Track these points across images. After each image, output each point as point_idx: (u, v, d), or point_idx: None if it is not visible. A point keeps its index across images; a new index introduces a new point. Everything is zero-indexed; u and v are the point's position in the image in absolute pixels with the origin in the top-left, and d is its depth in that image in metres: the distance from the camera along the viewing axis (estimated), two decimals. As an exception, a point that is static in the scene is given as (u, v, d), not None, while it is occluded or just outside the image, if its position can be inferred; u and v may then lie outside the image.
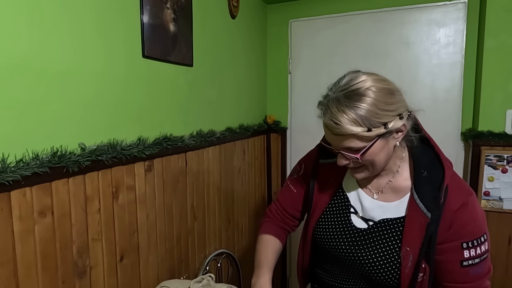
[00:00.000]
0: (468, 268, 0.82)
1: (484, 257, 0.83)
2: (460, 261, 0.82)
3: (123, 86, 1.14)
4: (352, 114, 0.75)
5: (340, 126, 0.76)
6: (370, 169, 0.85)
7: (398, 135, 0.82)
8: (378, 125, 0.76)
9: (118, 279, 1.13)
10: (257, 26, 2.20)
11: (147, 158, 1.22)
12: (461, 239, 0.82)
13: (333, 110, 0.77)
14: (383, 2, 2.04)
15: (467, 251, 0.81)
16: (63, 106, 0.94)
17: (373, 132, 0.76)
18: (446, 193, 0.82)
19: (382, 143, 0.80)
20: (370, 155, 0.81)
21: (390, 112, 0.77)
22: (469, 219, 0.82)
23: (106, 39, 1.06)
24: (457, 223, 0.81)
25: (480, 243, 0.82)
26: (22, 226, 0.83)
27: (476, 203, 0.84)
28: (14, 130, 0.82)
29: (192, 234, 1.53)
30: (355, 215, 0.94)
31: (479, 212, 0.84)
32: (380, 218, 0.90)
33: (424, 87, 2.00)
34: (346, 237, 0.93)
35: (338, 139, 0.80)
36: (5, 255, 0.79)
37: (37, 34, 0.86)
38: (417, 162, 0.88)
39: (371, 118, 0.75)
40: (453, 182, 0.84)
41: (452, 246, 0.82)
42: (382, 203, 0.91)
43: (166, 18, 1.30)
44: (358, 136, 0.77)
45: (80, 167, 0.95)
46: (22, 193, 0.82)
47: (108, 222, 1.08)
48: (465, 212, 0.81)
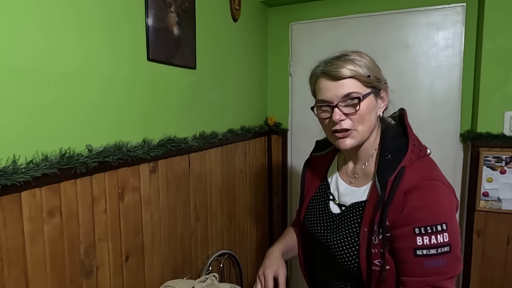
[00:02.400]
0: (422, 259, 0.77)
1: (443, 251, 0.77)
2: (413, 249, 0.78)
3: (128, 89, 1.16)
4: (355, 61, 0.85)
5: (342, 69, 0.84)
6: (359, 131, 0.86)
7: (382, 104, 0.90)
8: (373, 76, 0.85)
9: (124, 279, 1.15)
10: (258, 28, 2.22)
11: (152, 159, 1.23)
12: (414, 224, 0.78)
13: (333, 61, 0.87)
14: (383, 5, 2.07)
15: (420, 237, 0.77)
16: (71, 108, 0.96)
17: (371, 79, 0.85)
18: (402, 174, 0.80)
19: (373, 102, 0.87)
20: (365, 109, 0.85)
21: (380, 73, 0.89)
22: (423, 204, 0.79)
23: (113, 43, 1.08)
24: (408, 206, 0.79)
25: (436, 232, 0.76)
26: (32, 226, 0.85)
27: (436, 188, 0.80)
28: (24, 132, 0.84)
29: (195, 235, 1.55)
30: (333, 201, 0.99)
31: (439, 198, 0.80)
32: (350, 202, 0.93)
33: (423, 89, 2.03)
34: (323, 223, 0.98)
35: (339, 85, 0.85)
36: (15, 254, 0.81)
37: (47, 38, 0.88)
38: (384, 146, 0.89)
39: (369, 67, 0.86)
40: (414, 165, 0.83)
41: (405, 231, 0.79)
42: (354, 188, 0.94)
43: (170, 22, 1.32)
44: (359, 80, 0.84)
45: (88, 168, 0.97)
46: (32, 194, 0.84)
47: (114, 223, 1.10)
48: (418, 194, 0.79)
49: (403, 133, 0.90)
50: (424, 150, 0.89)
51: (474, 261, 1.87)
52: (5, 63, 0.79)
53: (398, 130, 0.92)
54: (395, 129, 0.92)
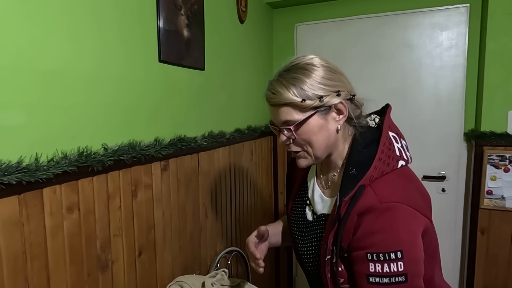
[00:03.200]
0: (374, 286, 0.71)
1: (397, 280, 0.70)
2: (366, 275, 0.72)
3: (141, 89, 1.20)
4: (289, 84, 0.79)
5: (276, 96, 0.80)
6: (310, 152, 0.83)
7: (339, 117, 0.81)
8: (313, 97, 0.78)
9: (137, 274, 1.18)
10: (264, 30, 2.25)
11: (163, 158, 1.27)
12: (366, 249, 0.73)
13: (273, 82, 0.83)
14: (387, 6, 2.10)
15: (372, 264, 0.72)
16: (88, 108, 1.00)
17: (307, 103, 0.78)
18: (359, 195, 0.74)
19: (319, 121, 0.80)
20: (307, 133, 0.80)
21: (327, 87, 0.79)
22: (377, 228, 0.72)
23: (127, 45, 1.12)
24: (362, 229, 0.74)
25: (389, 260, 0.70)
26: (52, 222, 0.88)
27: (394, 211, 0.73)
28: (46, 132, 0.88)
29: (204, 232, 1.59)
30: (308, 207, 0.95)
31: (396, 222, 0.72)
32: (320, 212, 0.90)
33: (427, 89, 2.05)
34: (298, 229, 0.96)
35: (277, 112, 0.82)
36: (38, 248, 0.85)
37: (71, 43, 0.93)
38: (349, 159, 0.82)
39: (306, 89, 0.78)
40: (375, 184, 0.76)
41: (359, 255, 0.74)
42: (325, 198, 0.90)
43: (181, 24, 1.36)
44: (293, 105, 0.79)
45: (104, 166, 1.01)
46: (52, 190, 0.88)
47: (128, 219, 1.14)
48: (372, 218, 0.73)
49: (378, 139, 0.81)
50: (392, 164, 0.79)
51: (478, 259, 1.89)
52: (37, 68, 0.83)
53: (374, 135, 0.83)
54: (371, 134, 0.83)
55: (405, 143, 0.87)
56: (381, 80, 2.12)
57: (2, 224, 0.77)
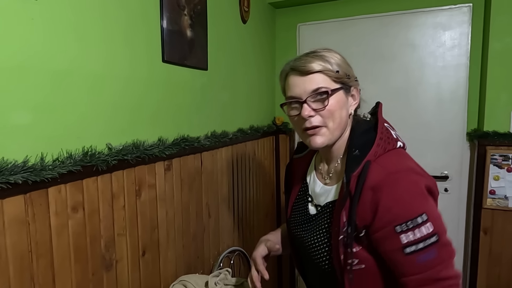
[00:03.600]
0: (413, 256, 0.73)
1: (431, 242, 0.73)
2: (401, 248, 0.74)
3: (145, 89, 1.20)
4: (320, 58, 0.84)
5: (311, 64, 0.83)
6: (330, 128, 0.84)
7: (353, 102, 0.89)
8: (342, 73, 0.84)
9: (141, 273, 1.19)
10: (266, 30, 2.26)
11: (167, 157, 1.28)
12: (393, 223, 0.74)
13: (302, 57, 0.85)
14: (390, 6, 2.09)
15: (404, 235, 0.73)
16: (92, 108, 1.00)
17: (340, 74, 0.83)
18: (367, 170, 0.77)
19: (343, 98, 0.85)
20: (334, 105, 0.83)
21: (350, 70, 0.87)
22: (395, 198, 0.75)
23: (131, 46, 1.13)
24: (382, 206, 0.75)
25: (418, 225, 0.73)
26: (57, 221, 0.89)
27: (404, 179, 0.76)
28: (51, 131, 0.89)
29: (207, 232, 1.59)
30: (310, 203, 0.97)
31: (409, 189, 0.76)
32: (324, 202, 0.91)
33: (430, 88, 2.05)
34: (302, 225, 0.97)
35: (307, 80, 0.83)
36: (43, 247, 0.86)
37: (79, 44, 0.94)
38: (351, 142, 0.86)
39: (338, 63, 0.84)
40: (380, 160, 0.79)
41: (387, 233, 0.75)
42: (328, 187, 0.92)
43: (184, 24, 1.37)
44: (327, 75, 0.83)
45: (108, 166, 1.01)
46: (58, 190, 0.89)
47: (131, 218, 1.14)
48: (388, 190, 0.75)
49: (375, 127, 0.86)
50: (392, 143, 0.84)
51: (481, 259, 1.89)
52: (43, 68, 0.84)
53: (370, 125, 0.87)
54: (367, 124, 0.89)
55: (398, 134, 0.91)
56: (384, 80, 2.12)
57: (8, 223, 0.78)
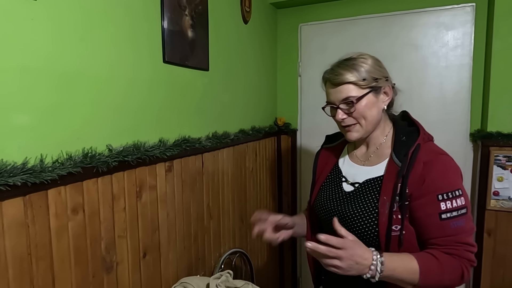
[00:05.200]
0: (448, 221, 0.89)
1: (462, 212, 0.90)
2: (439, 214, 0.90)
3: (145, 90, 1.20)
4: (350, 68, 0.98)
5: (340, 76, 0.98)
6: (363, 125, 1.00)
7: (385, 98, 1.01)
8: (369, 78, 0.97)
9: (141, 275, 1.18)
10: (267, 30, 2.25)
11: (168, 159, 1.27)
12: (436, 192, 0.90)
13: (335, 68, 1.01)
14: (392, 6, 2.08)
15: (443, 203, 0.89)
16: (92, 109, 0.99)
17: (366, 82, 0.97)
18: (418, 149, 0.94)
19: (373, 99, 0.98)
20: (363, 107, 0.98)
21: (379, 72, 0.99)
22: (441, 173, 0.91)
23: (131, 47, 1.12)
24: (429, 177, 0.91)
25: (455, 196, 0.90)
26: (57, 223, 0.88)
27: (448, 161, 0.94)
28: (50, 132, 0.88)
29: (208, 233, 1.58)
30: (345, 182, 1.09)
31: (453, 168, 0.94)
32: (364, 179, 1.03)
33: (433, 89, 2.03)
34: (336, 201, 1.07)
35: (338, 91, 0.99)
36: (43, 249, 0.85)
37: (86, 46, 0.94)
38: (398, 130, 1.03)
39: (364, 71, 0.97)
40: (427, 144, 0.97)
41: (429, 200, 0.91)
42: (367, 167, 1.06)
43: (185, 25, 1.36)
44: (355, 83, 0.97)
45: (108, 167, 1.00)
46: (57, 192, 0.88)
47: (132, 220, 1.14)
48: (435, 166, 0.92)
49: (410, 125, 1.05)
50: (431, 137, 1.03)
51: (485, 260, 1.87)
52: (47, 70, 0.83)
53: (405, 121, 1.07)
54: (401, 118, 1.08)
55: None
56: (386, 80, 2.10)
57: (7, 225, 0.77)
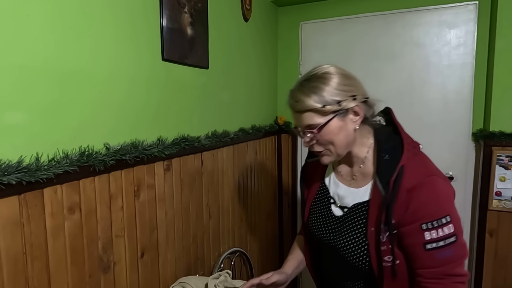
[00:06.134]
0: (433, 252, 0.82)
1: (450, 241, 0.82)
2: (423, 244, 0.83)
3: (144, 88, 1.18)
4: (310, 92, 0.86)
5: (299, 103, 0.88)
6: (332, 151, 0.91)
7: (355, 118, 0.89)
8: (332, 102, 0.86)
9: (139, 275, 1.17)
10: (268, 28, 2.23)
11: (166, 157, 1.26)
12: (420, 220, 0.82)
13: (295, 91, 0.90)
14: (394, 4, 2.06)
15: (428, 232, 0.82)
16: (89, 107, 0.98)
17: (327, 108, 0.86)
18: (402, 173, 0.84)
19: (339, 123, 0.88)
20: (328, 134, 0.88)
21: (344, 93, 0.87)
22: (426, 200, 0.83)
23: (130, 44, 1.11)
24: (413, 204, 0.83)
25: (442, 225, 0.81)
26: (53, 222, 0.87)
27: (436, 184, 0.84)
28: (46, 131, 0.87)
29: (207, 232, 1.57)
30: (334, 204, 1.01)
31: (439, 193, 0.84)
32: (352, 203, 0.95)
33: (435, 88, 2.02)
34: (328, 226, 1.00)
35: (300, 118, 0.90)
36: (38, 249, 0.84)
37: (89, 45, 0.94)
38: (380, 148, 0.92)
39: (325, 95, 0.86)
40: (412, 163, 0.86)
41: (413, 228, 0.83)
42: (354, 189, 0.97)
43: (184, 22, 1.34)
44: (315, 111, 0.86)
45: (106, 166, 0.99)
46: (53, 191, 0.87)
47: (130, 220, 1.12)
48: (421, 192, 0.83)
49: (394, 131, 0.93)
50: (417, 146, 0.92)
51: (487, 261, 1.86)
52: (42, 68, 0.82)
53: (389, 129, 0.94)
54: (386, 129, 0.95)
55: None
56: (388, 79, 2.09)
57: (2, 225, 0.76)
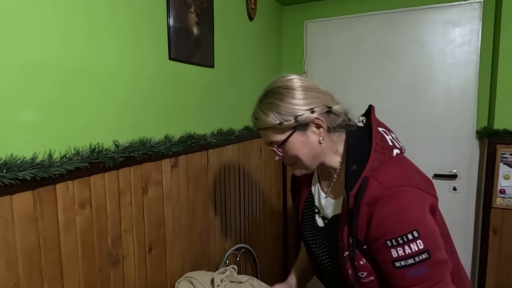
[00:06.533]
0: (402, 270, 0.75)
1: (421, 258, 0.73)
2: (391, 262, 0.76)
3: (152, 87, 1.21)
4: (267, 110, 0.85)
5: (258, 121, 0.88)
6: (300, 165, 0.89)
7: (318, 130, 0.85)
8: (289, 118, 0.84)
9: (147, 269, 1.20)
10: (273, 27, 2.25)
11: (173, 155, 1.28)
12: (384, 237, 0.76)
13: (256, 109, 0.90)
14: (398, 2, 2.07)
15: (394, 250, 0.75)
16: (100, 106, 1.01)
17: (284, 124, 0.84)
18: (365, 185, 0.77)
19: (300, 138, 0.86)
20: (291, 149, 0.87)
21: (301, 107, 0.83)
22: (389, 214, 0.75)
23: (138, 44, 1.13)
24: (375, 219, 0.76)
25: (408, 241, 0.73)
26: (65, 217, 0.90)
27: (401, 195, 0.76)
28: (59, 129, 0.89)
29: (213, 229, 1.60)
30: (317, 214, 0.98)
31: (405, 205, 0.76)
32: (331, 215, 0.93)
33: (439, 86, 2.02)
34: (312, 236, 1.00)
35: (263, 134, 0.90)
36: (51, 242, 0.87)
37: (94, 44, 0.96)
38: (348, 157, 0.86)
39: (282, 112, 0.84)
40: (377, 174, 0.78)
41: (379, 245, 0.77)
42: (332, 200, 0.93)
43: (190, 22, 1.37)
44: (273, 128, 0.86)
45: (115, 163, 1.02)
46: (65, 186, 0.89)
47: (138, 215, 1.15)
48: (384, 206, 0.76)
49: (370, 135, 0.85)
50: (388, 153, 0.83)
51: (490, 259, 1.87)
52: (55, 66, 0.85)
53: (364, 133, 0.87)
54: (361, 133, 0.88)
55: (394, 136, 0.90)
56: (392, 77, 2.09)
57: (17, 218, 0.79)
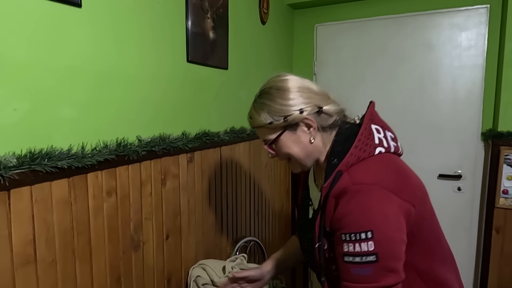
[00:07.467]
0: (349, 265, 0.76)
1: (368, 260, 0.73)
2: (342, 255, 0.77)
3: (170, 87, 1.31)
4: (259, 109, 0.90)
5: (252, 120, 0.93)
6: (294, 162, 0.93)
7: (309, 130, 0.88)
8: (278, 118, 0.87)
9: (164, 255, 1.30)
10: (284, 30, 2.34)
11: (189, 150, 1.38)
12: (340, 230, 0.77)
13: (250, 108, 0.95)
14: (407, 7, 2.13)
15: (346, 244, 0.76)
16: (125, 104, 1.11)
17: (274, 124, 0.88)
18: (337, 180, 0.79)
19: (290, 137, 0.89)
20: (282, 148, 0.90)
21: (290, 107, 0.86)
22: (348, 210, 0.76)
23: (159, 48, 1.24)
24: (337, 212, 0.78)
25: (359, 240, 0.74)
26: (95, 203, 1.01)
27: (364, 194, 0.76)
28: (91, 124, 1.00)
29: (225, 221, 1.69)
30: (311, 207, 1.01)
31: (368, 204, 0.75)
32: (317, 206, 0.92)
33: (446, 88, 2.08)
34: (302, 227, 1.03)
35: (257, 133, 0.95)
36: (83, 225, 0.97)
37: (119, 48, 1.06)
38: (331, 151, 0.87)
39: (272, 111, 0.88)
40: (351, 169, 0.80)
41: (336, 237, 0.79)
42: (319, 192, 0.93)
43: (207, 27, 1.46)
44: (265, 128, 0.90)
45: (138, 156, 1.12)
46: (95, 176, 1.00)
47: (157, 205, 1.25)
48: (345, 200, 0.77)
49: None
50: (369, 150, 0.82)
51: (493, 258, 1.91)
52: (90, 69, 0.95)
53: (353, 131, 0.87)
54: (351, 131, 0.88)
55: (391, 135, 0.90)
56: (400, 79, 2.16)
57: (55, 202, 0.89)
